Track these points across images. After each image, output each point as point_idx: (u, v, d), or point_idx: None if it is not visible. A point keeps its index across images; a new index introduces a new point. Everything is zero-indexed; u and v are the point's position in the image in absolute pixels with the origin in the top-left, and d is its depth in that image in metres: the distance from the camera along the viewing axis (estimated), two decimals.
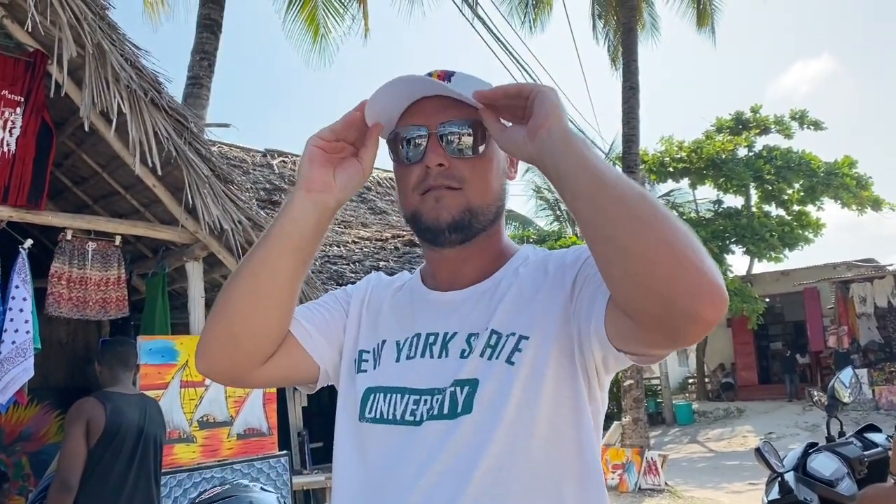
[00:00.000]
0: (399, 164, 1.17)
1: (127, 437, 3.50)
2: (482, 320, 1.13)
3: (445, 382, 1.08)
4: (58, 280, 4.60)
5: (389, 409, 1.11)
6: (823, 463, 2.84)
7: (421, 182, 1.13)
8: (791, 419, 16.12)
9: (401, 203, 1.21)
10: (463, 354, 1.10)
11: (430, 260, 1.26)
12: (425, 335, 1.16)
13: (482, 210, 1.15)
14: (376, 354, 1.19)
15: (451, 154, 1.12)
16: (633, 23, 13.75)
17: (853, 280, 16.88)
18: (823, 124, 19.41)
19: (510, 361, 1.06)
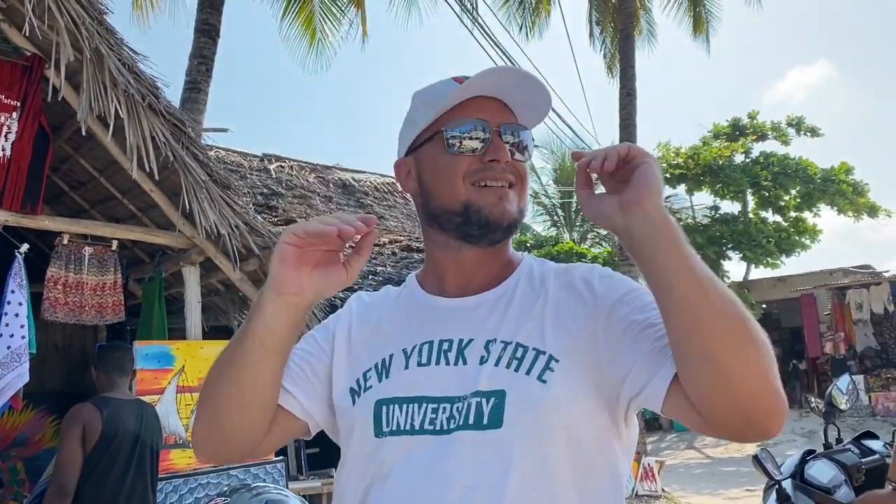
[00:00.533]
0: (450, 153, 1.14)
1: (123, 442, 3.50)
2: (500, 328, 1.11)
3: (465, 390, 1.05)
4: (54, 285, 4.59)
5: (407, 419, 1.07)
6: (821, 470, 2.84)
7: (478, 172, 1.13)
8: (788, 425, 16.04)
9: (441, 192, 1.16)
10: (482, 361, 1.07)
11: (443, 261, 1.22)
12: (438, 342, 1.12)
13: (524, 211, 1.18)
14: (381, 369, 1.15)
15: (514, 155, 1.15)
16: (630, 29, 13.78)
17: (850, 286, 16.89)
18: (820, 131, 19.46)
19: (542, 379, 1.03)
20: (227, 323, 5.78)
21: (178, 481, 4.40)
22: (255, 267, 4.98)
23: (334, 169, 12.04)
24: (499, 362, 1.06)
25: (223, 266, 4.94)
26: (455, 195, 1.13)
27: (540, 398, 1.02)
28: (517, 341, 1.07)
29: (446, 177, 1.14)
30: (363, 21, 12.46)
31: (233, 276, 4.98)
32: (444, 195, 1.15)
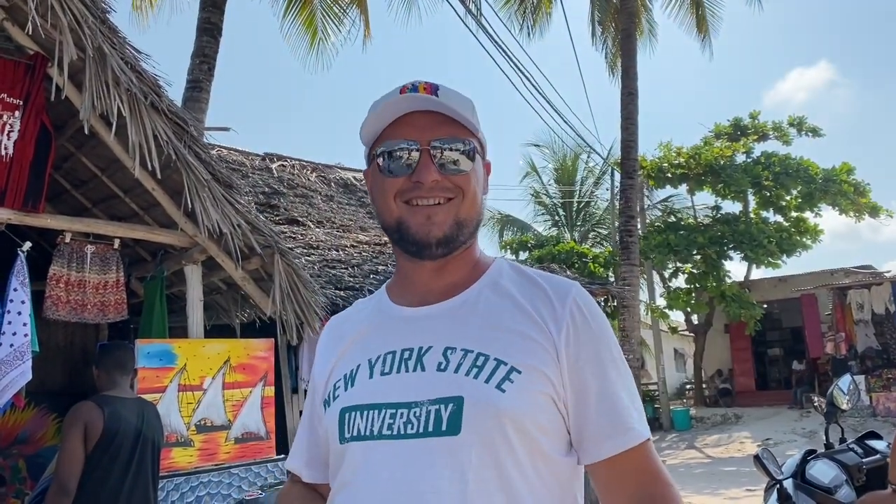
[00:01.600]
0: (383, 175, 1.18)
1: (125, 441, 3.50)
2: (461, 336, 1.13)
3: (423, 396, 1.08)
4: (56, 283, 4.59)
5: (367, 425, 1.10)
6: (822, 470, 2.84)
7: (406, 191, 1.16)
8: (788, 425, 16.11)
9: (379, 210, 1.22)
10: (440, 367, 1.10)
11: (405, 270, 1.26)
12: (400, 351, 1.15)
13: (468, 222, 1.18)
14: (348, 378, 1.19)
15: (442, 171, 1.15)
16: (631, 28, 13.79)
17: (851, 287, 16.89)
18: (822, 131, 19.51)
19: (500, 388, 1.06)
20: (229, 321, 5.78)
21: (180, 479, 4.40)
22: (257, 266, 4.99)
23: (336, 168, 12.04)
24: (458, 369, 1.09)
25: (225, 265, 4.94)
26: (389, 213, 1.18)
27: (498, 406, 1.04)
28: (478, 350, 1.10)
29: (381, 196, 1.19)
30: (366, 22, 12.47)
31: (235, 274, 4.99)
32: (382, 212, 1.21)
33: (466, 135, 1.18)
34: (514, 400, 1.05)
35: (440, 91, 1.17)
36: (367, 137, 1.23)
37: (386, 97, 1.19)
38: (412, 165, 1.15)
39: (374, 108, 1.20)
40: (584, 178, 26.39)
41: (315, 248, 8.35)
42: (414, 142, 1.15)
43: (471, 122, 1.19)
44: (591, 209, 26.46)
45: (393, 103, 1.16)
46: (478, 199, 1.21)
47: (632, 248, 13.05)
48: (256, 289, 5.12)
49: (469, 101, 1.22)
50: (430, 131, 1.16)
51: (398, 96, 1.16)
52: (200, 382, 4.62)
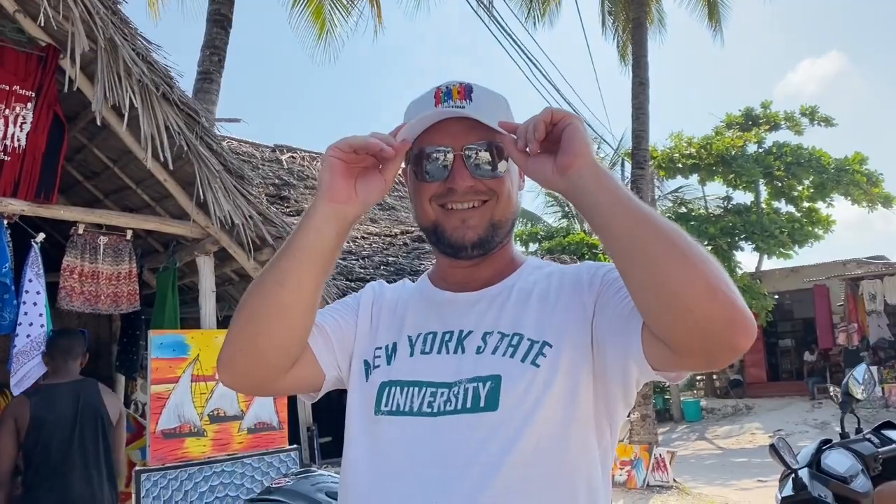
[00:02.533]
0: (420, 180, 1.21)
1: (57, 424, 3.68)
2: (498, 321, 1.18)
3: (462, 377, 1.13)
4: (69, 274, 4.62)
5: (406, 401, 1.14)
6: (838, 460, 2.83)
7: (442, 196, 1.19)
8: (800, 416, 16.06)
9: (417, 212, 1.26)
10: (479, 350, 1.15)
11: (444, 266, 1.31)
12: (441, 333, 1.20)
13: (503, 223, 1.23)
14: (390, 351, 1.23)
15: (477, 175, 1.18)
16: (642, 18, 13.69)
17: (863, 277, 16.78)
18: (834, 121, 19.31)
19: (535, 364, 1.11)
20: None
21: (193, 469, 4.43)
22: (269, 257, 4.98)
23: None
24: (495, 351, 1.14)
25: (237, 256, 4.95)
26: (426, 216, 1.23)
27: (534, 381, 1.09)
28: (514, 332, 1.15)
29: (418, 199, 1.23)
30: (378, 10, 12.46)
31: (247, 265, 5.00)
32: (420, 214, 1.25)
33: (500, 137, 1.18)
34: (547, 373, 1.09)
35: (474, 93, 1.20)
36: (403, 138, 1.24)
37: (421, 103, 1.23)
38: (447, 170, 1.17)
39: (408, 114, 1.25)
40: None
41: None
42: (447, 148, 1.18)
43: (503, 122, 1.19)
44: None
45: (428, 117, 1.18)
46: (513, 199, 1.24)
47: None
48: None
49: (502, 99, 1.25)
50: (464, 136, 1.18)
51: (433, 110, 1.19)
52: (213, 373, 4.63)
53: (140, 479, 4.17)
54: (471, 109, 1.17)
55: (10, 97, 4.05)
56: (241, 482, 4.55)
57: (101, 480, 3.84)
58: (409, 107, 1.27)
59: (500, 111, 1.21)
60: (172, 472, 4.30)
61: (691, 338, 0.94)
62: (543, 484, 1.06)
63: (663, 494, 9.36)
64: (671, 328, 0.95)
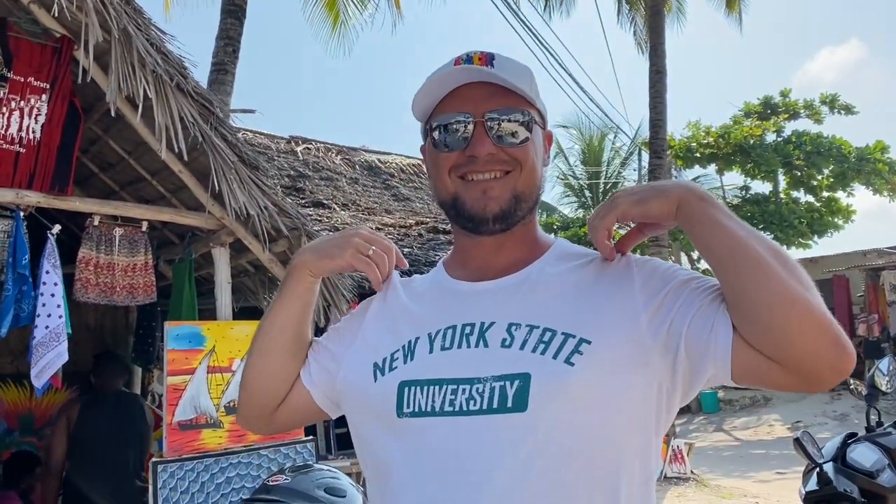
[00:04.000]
0: (438, 150, 1.16)
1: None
2: (525, 311, 1.09)
3: (486, 372, 1.04)
4: (85, 266, 4.62)
5: (428, 401, 1.07)
6: (863, 454, 2.77)
7: (461, 165, 1.14)
8: (819, 408, 15.92)
9: (435, 185, 1.20)
10: (504, 344, 1.07)
11: (463, 247, 1.25)
12: (461, 326, 1.12)
13: (526, 196, 1.16)
14: (407, 351, 1.15)
15: (498, 143, 1.12)
16: (660, 5, 13.54)
17: (884, 267, 16.57)
18: (855, 108, 19.03)
19: (569, 362, 1.01)
20: (257, 304, 5.80)
21: (210, 461, 4.43)
22: (285, 248, 4.98)
23: (360, 150, 12.02)
24: (524, 346, 1.05)
25: (253, 247, 4.94)
26: (445, 189, 1.17)
27: (567, 382, 1.00)
28: (544, 325, 1.06)
29: (437, 171, 1.18)
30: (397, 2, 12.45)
31: (262, 257, 4.99)
32: (438, 188, 1.19)
33: (524, 105, 1.15)
34: (583, 372, 1.00)
35: (496, 61, 1.14)
36: (420, 111, 1.20)
37: (440, 69, 1.17)
38: (468, 139, 1.12)
39: (427, 80, 1.17)
40: (610, 158, 26.15)
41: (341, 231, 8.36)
42: (469, 114, 1.12)
43: (528, 91, 1.15)
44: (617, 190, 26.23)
45: (447, 75, 1.14)
46: (537, 172, 1.18)
47: None
48: (284, 271, 5.11)
49: (527, 69, 1.18)
50: (485, 103, 1.13)
51: (452, 68, 1.13)
52: (229, 364, 4.63)
53: (157, 470, 4.18)
54: (494, 73, 1.12)
55: (26, 89, 4.05)
56: (257, 473, 4.55)
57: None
58: (427, 81, 1.19)
59: (525, 80, 1.16)
60: (189, 463, 4.31)
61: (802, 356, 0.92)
62: (576, 491, 0.99)
63: (681, 486, 9.31)
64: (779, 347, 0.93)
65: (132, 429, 4.62)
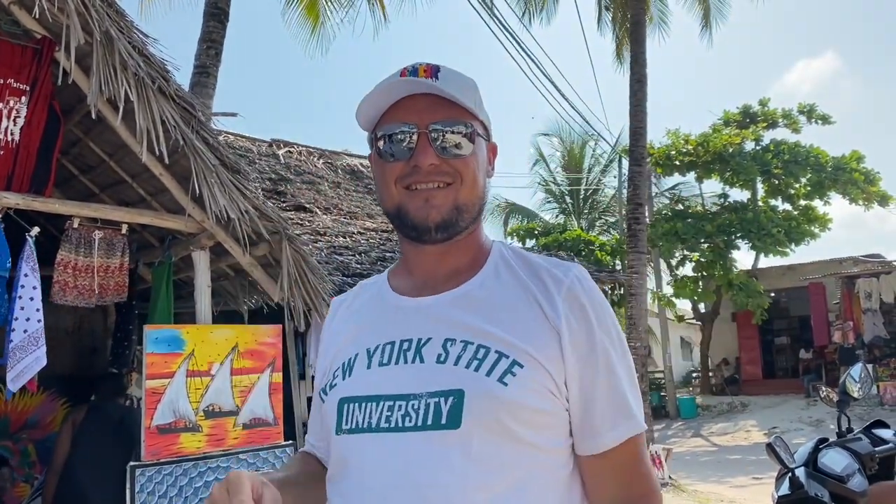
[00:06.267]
0: (383, 160, 1.18)
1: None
2: (462, 327, 1.11)
3: (421, 388, 1.07)
4: (64, 268, 4.59)
5: (365, 417, 1.09)
6: (834, 458, 2.82)
7: (405, 176, 1.15)
8: (795, 414, 16.10)
9: (381, 195, 1.22)
10: (439, 360, 1.09)
11: (408, 255, 1.26)
12: (399, 342, 1.14)
13: (468, 207, 1.17)
14: (346, 367, 1.19)
15: (442, 154, 1.14)
16: (641, 16, 13.68)
17: (859, 275, 16.82)
18: (832, 118, 19.33)
19: (503, 381, 1.05)
20: (237, 307, 5.78)
21: (188, 465, 4.41)
22: (265, 252, 4.97)
23: (343, 154, 12.02)
24: (458, 361, 1.07)
25: (233, 251, 4.93)
26: (391, 198, 1.18)
27: (500, 398, 1.03)
28: (479, 342, 1.08)
29: (383, 181, 1.19)
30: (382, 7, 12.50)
31: (242, 260, 4.98)
32: (384, 198, 1.20)
33: (467, 117, 1.17)
34: (516, 393, 1.04)
35: (441, 73, 1.16)
36: (366, 121, 1.21)
37: (386, 80, 1.18)
38: (412, 149, 1.14)
39: (373, 90, 1.19)
40: (591, 165, 26.32)
41: (322, 235, 8.35)
42: (413, 125, 1.14)
43: (472, 104, 1.17)
44: (598, 197, 26.40)
45: (392, 86, 1.15)
46: (479, 184, 1.19)
47: (640, 235, 13.00)
48: (264, 275, 5.11)
49: (471, 81, 1.21)
50: (430, 114, 1.15)
51: (398, 79, 1.15)
52: (209, 368, 4.62)
53: (135, 474, 4.16)
54: (438, 85, 1.14)
55: (5, 91, 4.02)
56: None
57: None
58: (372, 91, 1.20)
59: (469, 93, 1.17)
60: (167, 467, 4.29)
61: None
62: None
63: None
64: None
65: (130, 435, 4.76)
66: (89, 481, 4.67)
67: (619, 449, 1.09)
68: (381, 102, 1.17)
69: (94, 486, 4.66)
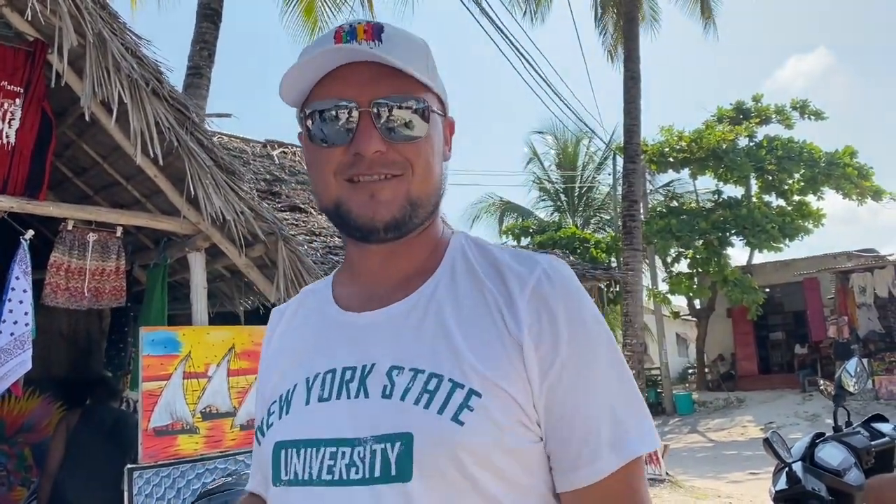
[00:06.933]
0: (315, 145, 0.96)
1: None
2: (411, 350, 0.93)
3: (366, 431, 0.89)
4: (56, 270, 4.56)
5: (305, 467, 0.92)
6: (831, 453, 2.83)
7: (347, 167, 0.94)
8: (791, 409, 16.15)
9: (315, 187, 1.01)
10: (385, 393, 0.90)
11: (351, 256, 1.07)
12: (341, 370, 0.96)
13: (423, 201, 0.97)
14: (284, 401, 1.00)
15: (389, 138, 0.93)
16: (634, 13, 13.72)
17: (853, 270, 16.88)
18: (824, 114, 19.42)
19: (458, 420, 0.86)
20: (233, 309, 5.77)
21: (186, 467, 4.41)
22: (261, 253, 4.97)
23: None
24: (405, 395, 0.89)
25: (229, 252, 4.92)
26: (327, 193, 0.97)
27: (454, 442, 0.86)
28: (430, 370, 0.90)
29: (318, 172, 0.98)
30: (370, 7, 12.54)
31: (238, 261, 4.97)
32: (319, 191, 0.99)
33: (419, 90, 0.95)
34: (474, 433, 0.86)
35: (384, 34, 0.94)
36: (292, 95, 0.98)
37: (317, 44, 0.97)
38: (351, 131, 0.93)
39: (301, 58, 0.96)
40: (585, 163, 26.36)
41: (317, 235, 8.34)
42: (351, 101, 0.92)
43: (425, 72, 0.96)
44: (593, 195, 26.45)
45: (326, 54, 0.92)
46: (434, 172, 0.98)
47: (635, 233, 13.05)
48: (260, 276, 5.10)
49: (422, 43, 1.00)
50: (372, 87, 0.92)
51: (332, 46, 0.93)
52: (205, 370, 4.61)
53: (132, 476, 4.15)
54: (381, 52, 0.92)
55: None
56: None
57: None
58: (302, 54, 0.98)
59: (420, 59, 0.96)
60: (165, 469, 4.28)
61: None
62: None
63: (655, 487, 9.40)
64: None
65: (124, 439, 4.79)
66: (83, 485, 4.67)
67: (603, 484, 0.89)
68: (310, 73, 0.95)
69: (88, 490, 4.66)
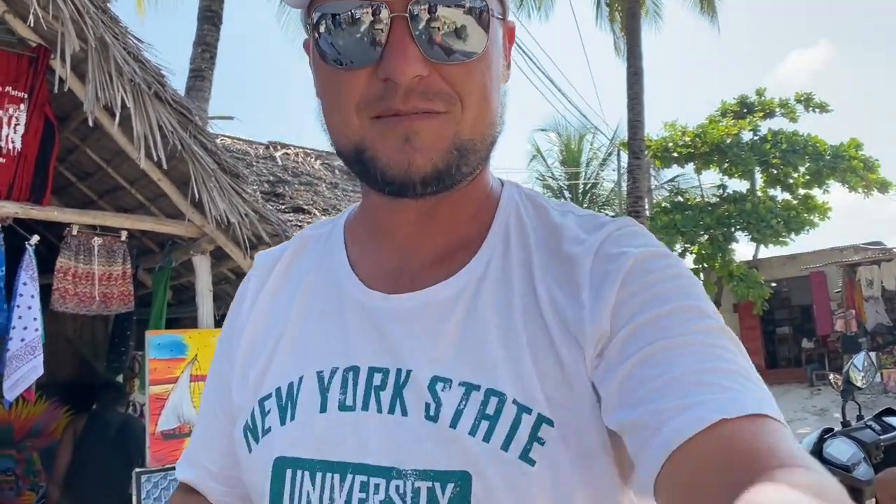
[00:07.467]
0: (329, 65, 0.70)
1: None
2: (456, 354, 0.70)
3: (407, 462, 0.68)
4: (63, 275, 4.58)
5: (324, 498, 0.70)
6: (840, 448, 2.82)
7: (376, 101, 0.67)
8: (799, 403, 16.10)
9: (330, 123, 0.73)
10: (429, 414, 0.68)
11: (375, 212, 0.81)
12: (367, 371, 0.72)
13: (476, 145, 0.70)
14: (286, 401, 0.76)
15: (433, 56, 0.66)
16: (636, 8, 13.68)
17: (860, 263, 16.80)
18: (829, 107, 19.31)
19: (528, 459, 0.65)
20: None
21: None
22: None
23: None
24: (457, 421, 0.67)
25: (233, 255, 4.92)
26: (346, 131, 0.70)
27: (525, 489, 0.65)
28: (487, 385, 0.68)
29: (332, 101, 0.72)
30: None
31: (243, 264, 4.97)
32: (334, 127, 0.73)
33: None
34: (548, 475, 0.65)
35: None
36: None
37: None
38: (381, 46, 0.66)
39: None
40: (589, 159, 26.32)
41: None
42: (379, 3, 0.65)
43: None
44: (597, 191, 26.40)
45: None
46: (491, 105, 0.71)
47: None
48: None
49: None
50: None
51: None
52: None
53: (140, 480, 4.16)
54: None
55: (3, 99, 4.02)
56: None
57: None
58: None
59: None
60: (173, 473, 4.29)
61: None
62: None
63: None
64: None
65: (130, 443, 4.78)
66: (91, 489, 4.69)
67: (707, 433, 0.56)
68: None
69: (96, 495, 4.69)
